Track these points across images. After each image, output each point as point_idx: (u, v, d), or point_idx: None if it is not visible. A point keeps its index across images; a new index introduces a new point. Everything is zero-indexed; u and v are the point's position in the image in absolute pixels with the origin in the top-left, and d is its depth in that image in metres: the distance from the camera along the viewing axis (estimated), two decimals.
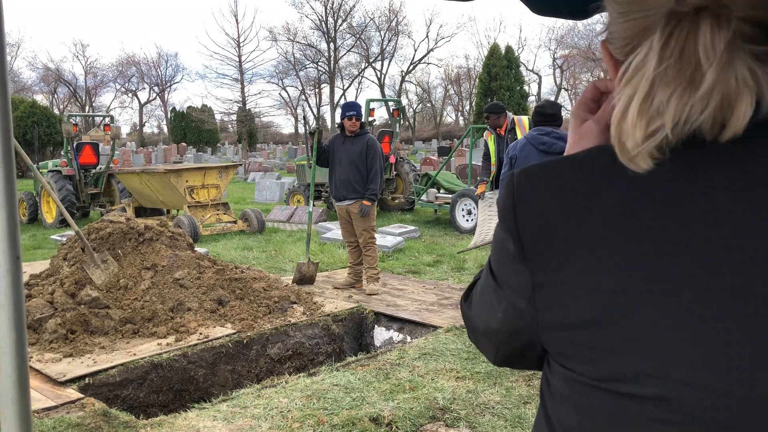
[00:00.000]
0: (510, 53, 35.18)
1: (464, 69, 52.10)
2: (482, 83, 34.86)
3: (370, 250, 6.22)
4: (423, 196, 12.16)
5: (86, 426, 3.17)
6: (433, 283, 6.71)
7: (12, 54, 49.05)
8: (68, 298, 4.73)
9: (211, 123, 45.20)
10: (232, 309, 5.09)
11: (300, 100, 48.11)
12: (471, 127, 13.98)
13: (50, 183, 11.79)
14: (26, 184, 18.26)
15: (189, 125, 47.84)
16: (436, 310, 5.49)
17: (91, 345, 4.38)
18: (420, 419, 3.25)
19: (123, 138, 55.52)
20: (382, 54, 46.54)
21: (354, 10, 45.10)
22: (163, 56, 60.88)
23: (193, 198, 10.44)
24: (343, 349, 5.20)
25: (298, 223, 11.74)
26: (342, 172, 6.13)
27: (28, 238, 10.48)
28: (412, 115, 47.66)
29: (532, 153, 4.41)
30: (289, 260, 8.06)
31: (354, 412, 3.28)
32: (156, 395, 4.10)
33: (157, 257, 5.31)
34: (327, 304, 5.57)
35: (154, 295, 4.98)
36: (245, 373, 4.54)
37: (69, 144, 12.23)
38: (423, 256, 8.26)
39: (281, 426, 3.17)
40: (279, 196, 16.12)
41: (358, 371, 3.95)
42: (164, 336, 4.56)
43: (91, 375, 3.91)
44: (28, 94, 46.08)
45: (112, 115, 14.25)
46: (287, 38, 44.61)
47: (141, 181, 10.90)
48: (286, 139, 63.65)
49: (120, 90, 55.65)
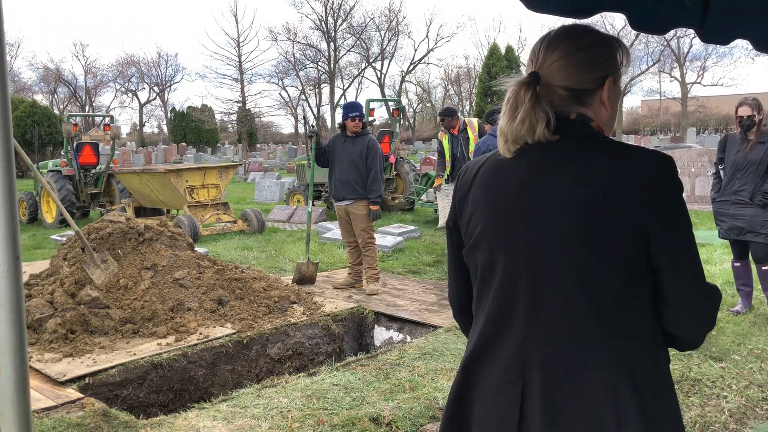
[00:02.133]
0: (510, 53, 35.13)
1: (464, 69, 52.14)
2: (482, 83, 34.83)
3: (370, 251, 6.22)
4: (423, 196, 12.16)
5: (86, 426, 3.17)
6: (433, 283, 6.71)
7: (12, 54, 49.04)
8: (68, 298, 4.73)
9: (211, 123, 45.17)
10: (232, 309, 5.09)
11: (300, 100, 48.08)
12: None
13: (50, 183, 11.78)
14: (26, 184, 18.25)
15: (189, 125, 47.82)
16: (436, 310, 5.49)
17: (91, 345, 4.38)
18: (420, 419, 3.25)
19: (123, 138, 55.51)
20: (382, 54, 46.53)
21: (354, 10, 45.11)
22: (163, 56, 60.87)
23: (193, 198, 10.43)
24: (343, 349, 5.20)
25: (298, 223, 11.73)
26: (342, 172, 6.12)
27: (28, 238, 10.48)
28: (412, 115, 47.62)
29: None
30: (289, 260, 8.06)
31: (354, 412, 3.28)
32: (156, 395, 4.10)
33: (157, 257, 5.30)
34: (327, 304, 5.57)
35: (154, 295, 4.98)
36: (245, 373, 4.54)
37: (69, 144, 12.23)
38: (423, 256, 8.25)
39: (281, 426, 3.17)
40: (279, 196, 16.12)
41: (358, 371, 3.95)
42: (164, 336, 4.56)
43: (91, 375, 3.91)
44: (28, 94, 46.09)
45: (112, 115, 14.24)
46: (287, 38, 44.62)
47: (141, 181, 10.89)
48: (286, 139, 63.64)
49: (120, 90, 55.67)
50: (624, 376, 1.20)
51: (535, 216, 1.25)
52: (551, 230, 1.23)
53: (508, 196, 1.29)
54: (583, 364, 1.21)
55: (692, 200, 13.23)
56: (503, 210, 1.30)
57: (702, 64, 43.64)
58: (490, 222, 1.32)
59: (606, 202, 1.18)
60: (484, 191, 1.35)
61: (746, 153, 4.97)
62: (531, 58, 1.33)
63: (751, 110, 4.92)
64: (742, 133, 5.02)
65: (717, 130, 50.19)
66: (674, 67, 42.54)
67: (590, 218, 1.19)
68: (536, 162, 1.26)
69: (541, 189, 1.25)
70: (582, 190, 1.20)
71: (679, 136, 37.33)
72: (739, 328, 4.76)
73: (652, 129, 53.69)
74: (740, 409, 3.45)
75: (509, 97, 1.27)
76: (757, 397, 3.59)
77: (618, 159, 1.21)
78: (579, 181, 1.21)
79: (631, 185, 1.18)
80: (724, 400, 3.55)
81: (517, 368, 1.27)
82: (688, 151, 14.48)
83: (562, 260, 1.22)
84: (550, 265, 1.23)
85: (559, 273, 1.22)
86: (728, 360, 4.11)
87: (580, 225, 1.20)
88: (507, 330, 1.29)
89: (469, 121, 8.46)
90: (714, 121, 52.30)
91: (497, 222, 1.31)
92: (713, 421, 3.30)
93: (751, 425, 3.29)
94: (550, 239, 1.23)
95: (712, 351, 4.25)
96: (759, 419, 3.36)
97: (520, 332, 1.27)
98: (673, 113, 51.89)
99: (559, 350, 1.23)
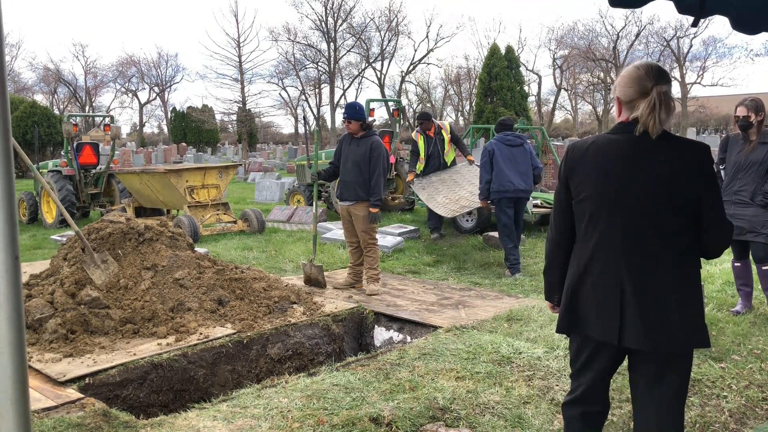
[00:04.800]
0: (510, 53, 35.12)
1: (464, 69, 52.10)
2: (482, 83, 34.82)
3: (371, 251, 6.22)
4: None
5: (86, 426, 3.17)
6: (433, 283, 6.70)
7: (12, 54, 49.03)
8: (68, 298, 4.72)
9: (211, 123, 45.13)
10: (232, 309, 5.09)
11: (300, 100, 48.06)
12: (471, 127, 13.96)
13: (50, 183, 11.78)
14: (26, 184, 18.26)
15: (189, 125, 47.80)
16: (436, 310, 5.49)
17: (91, 345, 4.38)
18: (420, 419, 3.25)
19: (123, 138, 55.52)
20: (382, 54, 46.49)
21: (354, 10, 45.08)
22: (163, 56, 60.87)
23: (193, 198, 10.43)
24: (343, 349, 5.20)
25: (298, 223, 11.73)
26: (346, 173, 6.14)
27: (28, 238, 10.47)
28: (412, 116, 47.56)
29: (501, 147, 7.25)
30: (289, 260, 8.06)
31: (354, 412, 3.28)
32: (156, 395, 4.10)
33: (157, 257, 5.30)
34: (327, 304, 5.57)
35: (154, 295, 4.97)
36: (245, 373, 4.54)
37: (69, 144, 12.23)
38: (423, 256, 8.25)
39: (281, 426, 3.16)
40: (279, 196, 16.12)
41: (358, 371, 3.95)
42: (164, 336, 4.56)
43: (91, 375, 3.91)
44: (28, 94, 46.08)
45: (112, 115, 14.22)
46: (287, 38, 44.60)
47: (141, 181, 10.89)
48: (286, 139, 63.65)
49: (120, 90, 55.65)
50: (683, 275, 2.11)
51: (630, 180, 2.11)
52: (642, 190, 2.10)
53: (612, 167, 2.14)
54: (659, 272, 2.10)
55: None
56: (608, 175, 2.14)
57: (702, 64, 43.63)
58: (597, 183, 2.15)
59: (676, 174, 2.09)
60: (593, 163, 2.17)
61: (747, 153, 4.97)
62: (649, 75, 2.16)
63: (747, 111, 4.92)
64: (743, 134, 5.02)
65: (717, 131, 50.19)
66: (674, 67, 42.51)
67: (667, 184, 2.08)
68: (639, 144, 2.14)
69: (636, 164, 2.11)
70: (664, 167, 2.09)
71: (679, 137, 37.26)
72: (739, 328, 4.75)
73: None
74: (740, 409, 3.45)
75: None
76: (757, 397, 3.59)
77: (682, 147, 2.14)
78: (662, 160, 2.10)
79: (690, 164, 2.10)
80: (724, 400, 3.55)
81: (618, 278, 2.13)
82: None
83: (646, 209, 2.10)
84: (637, 213, 2.11)
85: (644, 218, 2.11)
86: (728, 360, 4.11)
87: (660, 188, 2.08)
88: (610, 255, 2.15)
89: (443, 125, 9.62)
90: (714, 121, 52.28)
91: (606, 184, 2.14)
92: (713, 421, 3.30)
93: (751, 425, 3.29)
94: (641, 196, 2.10)
95: (712, 351, 4.24)
96: (759, 419, 3.36)
97: (621, 255, 2.13)
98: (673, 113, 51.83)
99: (645, 265, 2.10)
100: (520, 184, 7.12)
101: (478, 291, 6.28)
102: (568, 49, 45.89)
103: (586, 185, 2.17)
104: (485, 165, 7.21)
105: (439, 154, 9.44)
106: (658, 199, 2.08)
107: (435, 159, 9.43)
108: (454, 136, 9.62)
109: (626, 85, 2.17)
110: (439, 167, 9.47)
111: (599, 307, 2.14)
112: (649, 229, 2.10)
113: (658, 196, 2.07)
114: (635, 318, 2.07)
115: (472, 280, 6.85)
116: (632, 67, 2.20)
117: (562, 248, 2.31)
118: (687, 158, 2.08)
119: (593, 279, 2.17)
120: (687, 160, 2.08)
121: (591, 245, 2.17)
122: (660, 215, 2.08)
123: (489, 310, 5.40)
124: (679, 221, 2.09)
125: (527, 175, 7.22)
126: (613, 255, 2.13)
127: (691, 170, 2.07)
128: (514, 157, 7.20)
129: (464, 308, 5.56)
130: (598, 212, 2.15)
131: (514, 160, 7.18)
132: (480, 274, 7.22)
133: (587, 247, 2.19)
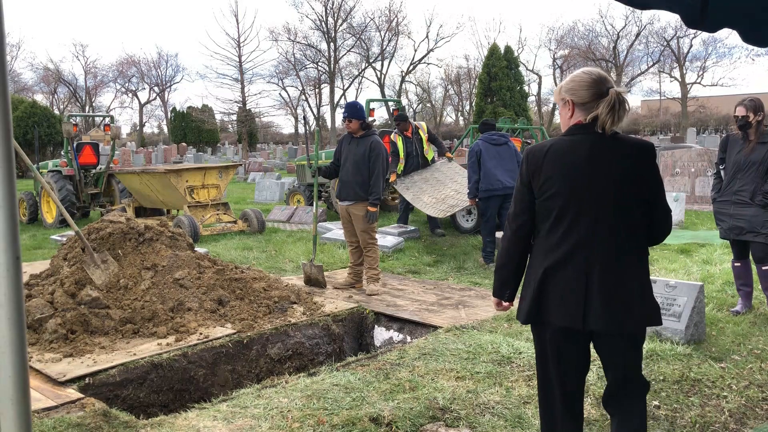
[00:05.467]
0: (510, 53, 35.12)
1: (464, 69, 52.09)
2: (482, 83, 34.83)
3: (371, 251, 6.22)
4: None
5: (86, 426, 3.17)
6: (433, 283, 6.70)
7: (12, 54, 49.03)
8: (68, 298, 4.72)
9: (211, 123, 45.13)
10: (232, 309, 5.09)
11: (300, 100, 48.04)
12: (471, 127, 13.96)
13: (50, 183, 11.78)
14: (26, 184, 18.26)
15: (189, 125, 47.76)
16: (436, 310, 5.49)
17: (91, 345, 4.38)
18: (420, 419, 3.25)
19: (123, 138, 55.47)
20: (382, 54, 46.44)
21: (354, 10, 45.05)
22: (163, 56, 60.86)
23: (193, 198, 10.43)
24: (343, 349, 5.20)
25: (298, 223, 11.73)
26: (345, 173, 6.13)
27: (28, 238, 10.47)
28: (412, 116, 47.57)
29: (488, 147, 7.58)
30: (289, 260, 8.06)
31: (354, 412, 3.28)
32: (156, 395, 4.10)
33: (157, 257, 5.30)
34: (327, 304, 5.57)
35: (154, 295, 4.97)
36: (245, 373, 4.54)
37: (69, 144, 12.23)
38: (423, 256, 8.25)
39: (281, 426, 3.17)
40: (279, 196, 16.12)
41: (358, 371, 3.95)
42: (164, 336, 4.56)
43: (91, 375, 3.91)
44: (28, 94, 46.06)
45: (112, 115, 14.22)
46: (287, 38, 44.58)
47: (141, 181, 10.89)
48: (286, 139, 63.60)
49: (120, 90, 55.61)
50: (642, 263, 2.31)
51: (595, 177, 2.26)
52: (606, 186, 2.26)
53: (578, 165, 2.27)
54: (622, 261, 2.26)
55: (692, 200, 13.21)
56: (575, 173, 2.28)
57: (702, 64, 43.57)
58: (564, 181, 2.28)
59: (635, 171, 2.28)
60: (557, 162, 2.29)
61: (747, 153, 4.97)
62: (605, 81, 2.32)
63: (746, 111, 4.93)
64: (743, 134, 5.02)
65: (717, 131, 50.16)
66: (674, 67, 42.51)
67: (629, 180, 2.26)
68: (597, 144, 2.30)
69: (600, 162, 2.27)
70: (625, 163, 2.27)
71: (679, 136, 37.32)
72: (739, 328, 4.75)
73: (652, 129, 53.66)
74: (740, 409, 3.45)
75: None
76: (757, 397, 3.59)
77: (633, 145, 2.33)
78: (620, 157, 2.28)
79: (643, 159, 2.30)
80: (724, 400, 3.55)
81: (584, 268, 2.26)
82: (688, 151, 14.47)
83: (611, 204, 2.25)
84: (603, 208, 2.25)
85: (609, 212, 2.26)
86: (728, 360, 4.11)
87: (624, 184, 2.26)
88: (578, 247, 2.27)
89: (420, 125, 9.99)
90: (714, 121, 52.27)
91: (574, 181, 2.27)
92: (713, 421, 3.30)
93: (751, 425, 3.29)
94: (606, 192, 2.25)
95: (712, 351, 4.25)
96: (759, 419, 3.36)
97: (587, 247, 2.26)
98: (673, 113, 51.86)
99: (610, 256, 2.25)
100: (507, 182, 7.41)
101: (478, 291, 6.28)
102: (568, 49, 45.86)
103: (553, 183, 2.28)
104: (473, 165, 7.52)
105: (418, 153, 9.79)
106: (623, 194, 2.24)
107: (414, 158, 9.75)
108: (431, 136, 10.06)
109: (582, 89, 2.31)
110: (419, 165, 9.79)
111: (565, 296, 2.27)
112: (615, 222, 2.25)
113: (623, 191, 2.24)
114: (600, 304, 2.22)
115: (472, 280, 6.85)
116: (582, 72, 2.35)
117: (519, 246, 2.43)
118: (642, 156, 2.28)
119: (561, 270, 2.29)
120: (642, 157, 2.27)
121: (557, 239, 2.29)
122: (624, 209, 2.25)
123: (489, 310, 5.40)
124: (639, 213, 2.28)
125: (514, 172, 7.45)
126: (581, 247, 2.26)
127: (646, 167, 2.28)
128: (500, 156, 7.55)
129: (464, 308, 5.56)
130: (566, 207, 2.27)
131: (500, 159, 7.53)
132: (480, 274, 7.22)
133: (554, 241, 2.30)
